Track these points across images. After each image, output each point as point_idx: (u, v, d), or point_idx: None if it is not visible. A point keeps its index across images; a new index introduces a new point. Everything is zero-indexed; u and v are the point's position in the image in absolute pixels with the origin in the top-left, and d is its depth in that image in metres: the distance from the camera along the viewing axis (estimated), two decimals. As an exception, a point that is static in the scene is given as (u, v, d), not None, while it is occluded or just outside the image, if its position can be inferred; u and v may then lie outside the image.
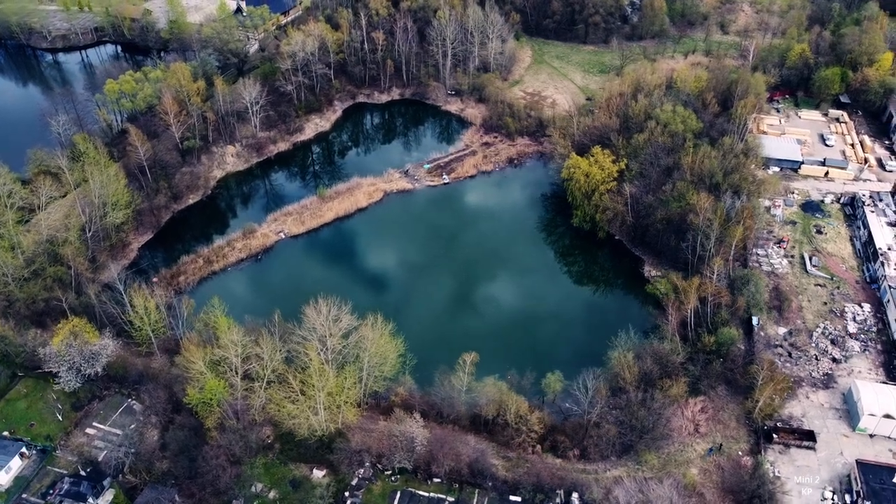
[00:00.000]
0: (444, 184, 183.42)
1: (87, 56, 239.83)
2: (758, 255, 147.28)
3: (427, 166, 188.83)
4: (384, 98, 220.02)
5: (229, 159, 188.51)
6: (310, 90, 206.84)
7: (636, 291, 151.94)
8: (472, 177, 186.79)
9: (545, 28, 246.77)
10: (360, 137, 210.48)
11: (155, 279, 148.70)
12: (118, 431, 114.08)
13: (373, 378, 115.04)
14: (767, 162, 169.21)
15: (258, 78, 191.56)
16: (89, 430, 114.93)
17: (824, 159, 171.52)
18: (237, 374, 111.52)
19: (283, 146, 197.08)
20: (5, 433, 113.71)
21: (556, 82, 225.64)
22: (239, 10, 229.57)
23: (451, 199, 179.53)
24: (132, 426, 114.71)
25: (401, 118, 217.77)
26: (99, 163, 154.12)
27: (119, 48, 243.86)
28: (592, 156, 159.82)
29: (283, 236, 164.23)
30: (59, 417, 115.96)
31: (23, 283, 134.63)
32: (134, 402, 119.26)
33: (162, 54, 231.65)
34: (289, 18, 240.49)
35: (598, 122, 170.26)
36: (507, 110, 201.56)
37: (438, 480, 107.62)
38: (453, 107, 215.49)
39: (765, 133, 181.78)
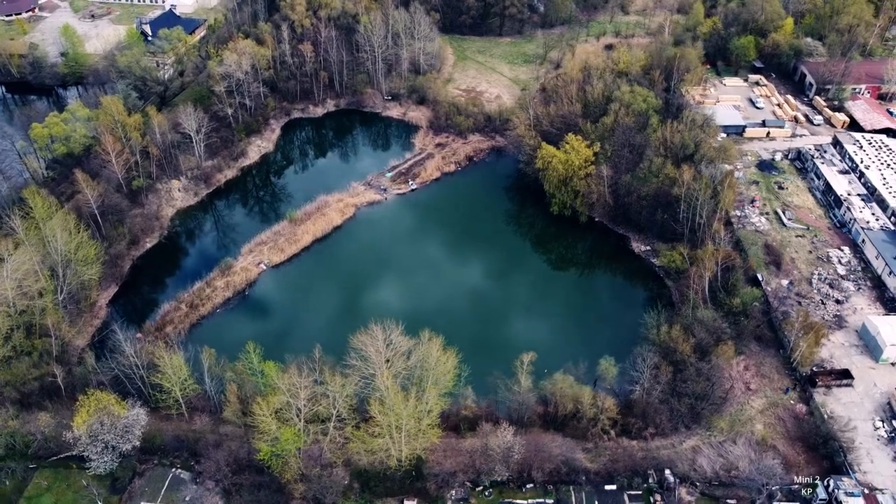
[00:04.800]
0: (412, 190, 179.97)
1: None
2: (738, 216, 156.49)
3: (389, 175, 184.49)
4: (320, 111, 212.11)
5: (177, 194, 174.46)
6: (245, 111, 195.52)
7: (628, 267, 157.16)
8: (436, 179, 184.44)
9: (461, 24, 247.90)
10: (308, 154, 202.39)
11: (139, 335, 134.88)
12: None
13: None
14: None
15: (197, 104, 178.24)
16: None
17: (763, 121, 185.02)
18: (300, 418, 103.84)
19: (230, 173, 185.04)
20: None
21: (486, 76, 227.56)
22: (144, 34, 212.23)
23: (425, 203, 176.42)
24: (188, 497, 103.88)
25: (343, 129, 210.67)
26: (52, 217, 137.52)
27: (4, 89, 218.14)
28: (567, 143, 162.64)
29: (265, 267, 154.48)
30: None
31: (3, 364, 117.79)
32: (180, 471, 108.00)
33: (57, 90, 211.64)
34: (197, 37, 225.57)
35: (562, 110, 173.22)
36: (454, 109, 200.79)
37: (531, 486, 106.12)
38: (394, 112, 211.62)
39: (702, 103, 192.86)
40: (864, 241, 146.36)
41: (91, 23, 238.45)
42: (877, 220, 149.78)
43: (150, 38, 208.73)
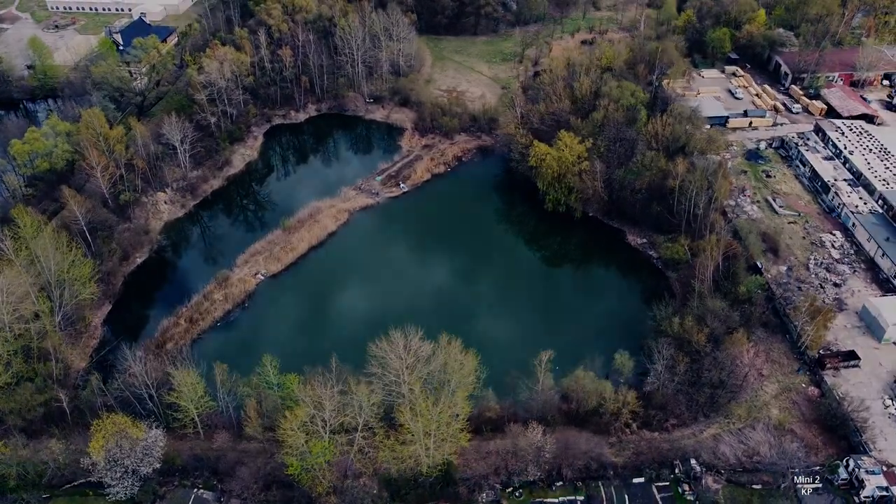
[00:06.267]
0: (404, 192, 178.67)
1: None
2: (731, 206, 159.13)
3: (379, 178, 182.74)
4: (301, 116, 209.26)
5: (163, 207, 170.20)
6: (227, 119, 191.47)
7: (626, 260, 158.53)
8: (427, 181, 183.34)
9: (437, 25, 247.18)
10: (293, 160, 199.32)
11: (140, 353, 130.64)
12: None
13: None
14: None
15: (180, 114, 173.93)
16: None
17: (745, 111, 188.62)
18: (326, 430, 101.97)
19: (216, 183, 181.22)
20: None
21: (466, 76, 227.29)
22: (115, 43, 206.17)
23: (418, 206, 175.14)
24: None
25: (327, 134, 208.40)
26: (43, 235, 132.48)
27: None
28: (560, 140, 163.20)
29: (262, 277, 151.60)
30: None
31: (5, 391, 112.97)
32: (202, 491, 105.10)
33: (25, 104, 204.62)
34: (170, 45, 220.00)
35: (551, 107, 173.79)
36: (439, 110, 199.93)
37: (561, 483, 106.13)
38: (377, 115, 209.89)
39: (684, 96, 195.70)
40: (854, 225, 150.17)
41: (56, 33, 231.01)
42: (865, 203, 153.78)
43: (121, 48, 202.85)
